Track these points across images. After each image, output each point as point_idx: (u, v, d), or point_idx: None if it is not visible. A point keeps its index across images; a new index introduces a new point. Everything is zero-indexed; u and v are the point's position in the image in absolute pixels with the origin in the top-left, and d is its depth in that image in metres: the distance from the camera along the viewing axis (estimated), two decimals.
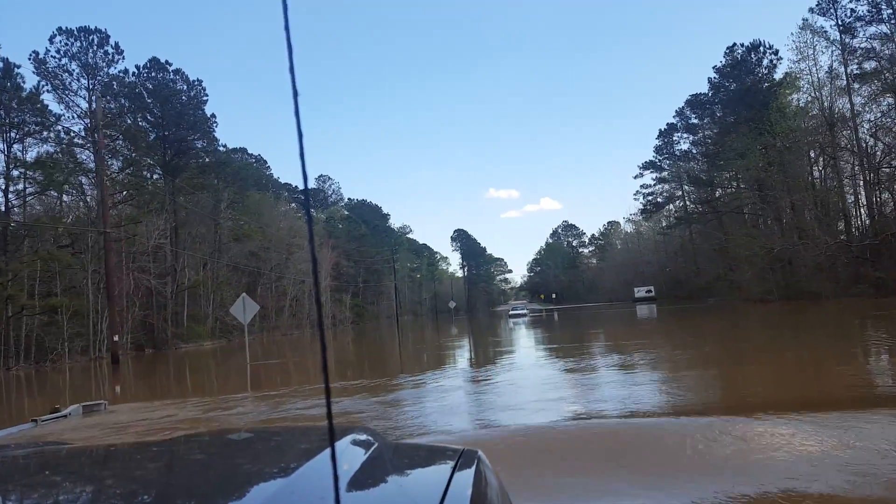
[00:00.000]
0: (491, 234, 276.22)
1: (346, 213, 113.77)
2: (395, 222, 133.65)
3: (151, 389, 17.79)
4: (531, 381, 11.87)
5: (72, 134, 38.97)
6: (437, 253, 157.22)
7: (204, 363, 29.33)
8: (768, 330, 23.51)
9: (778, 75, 49.41)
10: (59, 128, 38.67)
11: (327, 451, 1.10)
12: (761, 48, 48.72)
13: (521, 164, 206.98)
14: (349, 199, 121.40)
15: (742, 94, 50.11)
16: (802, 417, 6.15)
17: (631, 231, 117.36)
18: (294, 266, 64.17)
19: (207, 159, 49.88)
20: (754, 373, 11.78)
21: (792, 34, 54.75)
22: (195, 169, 47.98)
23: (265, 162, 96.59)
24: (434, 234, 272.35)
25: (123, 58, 41.41)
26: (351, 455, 1.16)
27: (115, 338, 28.73)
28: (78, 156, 38.87)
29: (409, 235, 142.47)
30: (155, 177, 48.66)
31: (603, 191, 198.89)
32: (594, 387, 10.92)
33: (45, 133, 37.66)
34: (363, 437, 1.35)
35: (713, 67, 67.16)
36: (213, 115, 48.92)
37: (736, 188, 47.72)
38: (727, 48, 65.26)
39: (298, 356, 28.10)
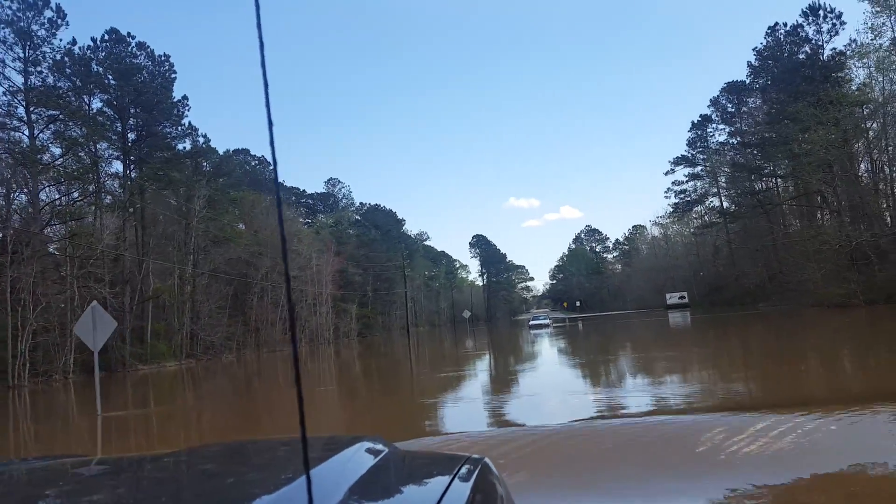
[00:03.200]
0: (512, 243, 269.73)
1: (357, 217, 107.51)
2: (412, 229, 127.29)
3: None
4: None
5: None
6: (456, 261, 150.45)
7: (86, 399, 22.79)
8: None
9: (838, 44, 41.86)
10: None
11: (328, 462, 1.15)
12: (821, 11, 41.31)
13: (542, 173, 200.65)
14: (361, 203, 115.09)
15: (797, 67, 42.58)
16: None
17: (658, 234, 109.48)
18: (290, 274, 57.76)
19: (179, 147, 43.54)
20: None
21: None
22: (162, 160, 41.65)
23: (268, 163, 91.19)
24: (453, 243, 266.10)
25: (67, 24, 35.32)
26: (358, 462, 1.21)
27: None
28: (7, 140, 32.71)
29: (427, 243, 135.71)
30: (117, 169, 42.58)
31: (624, 196, 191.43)
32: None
33: None
34: (374, 445, 1.39)
35: (753, 49, 59.83)
36: (185, 98, 42.60)
37: (793, 172, 39.97)
38: (769, 28, 57.86)
39: (236, 394, 21.50)
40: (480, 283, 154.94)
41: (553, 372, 18.05)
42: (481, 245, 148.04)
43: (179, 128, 42.71)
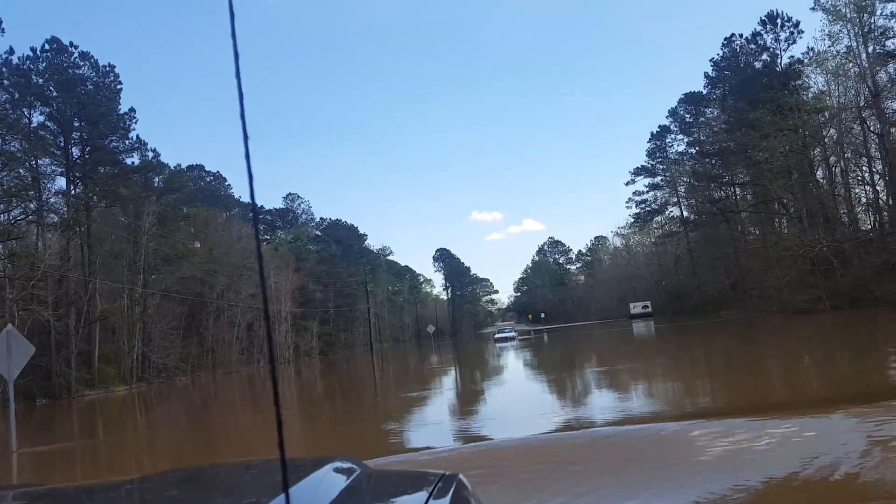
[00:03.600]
0: (476, 257, 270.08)
1: (318, 233, 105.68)
2: (375, 244, 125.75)
3: None
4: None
5: None
6: (420, 275, 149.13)
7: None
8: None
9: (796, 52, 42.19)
10: None
11: (299, 485, 1.12)
12: (778, 20, 41.84)
13: (505, 186, 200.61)
14: (321, 218, 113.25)
15: (755, 75, 42.90)
16: None
17: (620, 245, 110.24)
18: (246, 291, 56.03)
19: (128, 161, 41.71)
20: None
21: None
22: (109, 175, 39.77)
23: (224, 179, 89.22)
24: (417, 257, 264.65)
25: (3, 32, 33.45)
26: (330, 483, 1.17)
27: None
28: None
29: (390, 257, 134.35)
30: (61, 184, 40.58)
31: (587, 208, 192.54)
32: None
33: None
34: (345, 465, 1.34)
35: (710, 60, 60.66)
36: (132, 110, 40.85)
37: (752, 180, 40.03)
38: (725, 39, 58.69)
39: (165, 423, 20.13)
40: (445, 297, 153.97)
41: (518, 388, 17.19)
42: (445, 259, 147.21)
43: (127, 141, 40.98)
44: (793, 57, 41.60)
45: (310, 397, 23.24)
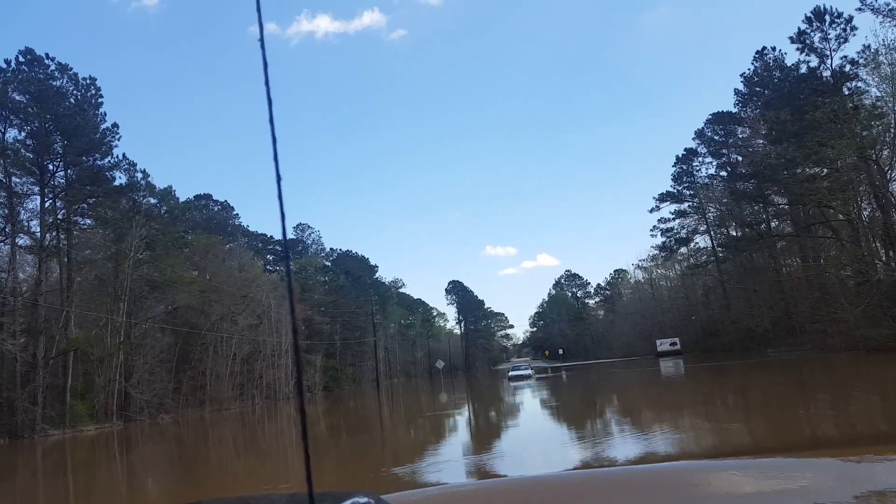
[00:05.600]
0: (490, 292, 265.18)
1: (327, 263, 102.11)
2: (386, 276, 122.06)
3: None
4: None
5: None
6: (433, 308, 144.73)
7: None
8: None
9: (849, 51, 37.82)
10: None
11: None
12: (827, 17, 37.54)
13: (519, 221, 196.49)
14: (331, 249, 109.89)
15: (801, 80, 38.51)
16: None
17: (642, 279, 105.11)
18: (244, 322, 52.03)
19: (117, 180, 38.25)
20: None
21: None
22: (87, 193, 36.26)
23: (232, 209, 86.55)
24: (430, 292, 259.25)
25: None
26: None
27: None
28: None
29: (402, 290, 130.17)
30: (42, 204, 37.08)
31: (603, 243, 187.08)
32: None
33: None
34: (363, 500, 1.35)
35: (741, 76, 56.93)
36: (115, 126, 37.42)
37: (805, 196, 35.04)
38: (756, 52, 55.19)
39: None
40: (458, 332, 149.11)
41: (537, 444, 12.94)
42: (458, 291, 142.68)
43: (109, 159, 37.48)
44: (845, 57, 37.17)
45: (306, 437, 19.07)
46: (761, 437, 10.77)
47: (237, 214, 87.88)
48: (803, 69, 38.85)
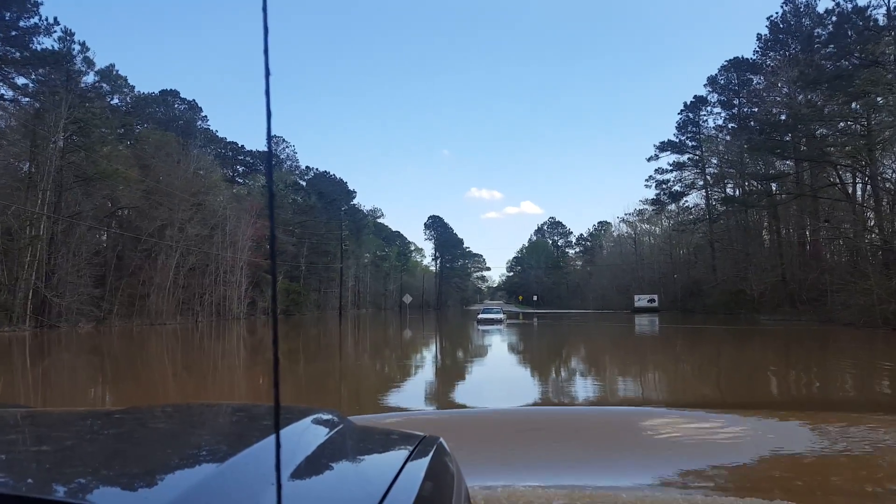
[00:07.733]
0: (470, 233, 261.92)
1: (301, 182, 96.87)
2: (365, 204, 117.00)
3: None
4: None
5: None
6: (411, 243, 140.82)
7: None
8: None
9: None
10: None
11: (283, 430, 1.12)
12: None
13: (506, 166, 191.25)
14: (307, 167, 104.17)
15: (842, 21, 33.63)
16: None
17: (626, 233, 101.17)
18: (192, 231, 47.34)
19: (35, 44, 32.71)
20: None
21: None
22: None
23: (200, 109, 80.00)
24: (409, 226, 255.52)
25: None
26: (310, 435, 1.19)
27: None
28: None
29: (381, 220, 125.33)
30: None
31: (590, 195, 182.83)
32: None
33: None
34: (327, 417, 1.36)
35: (767, 18, 51.55)
36: None
37: (821, 156, 30.71)
38: None
39: None
40: (434, 269, 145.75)
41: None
42: (437, 227, 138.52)
43: (33, 20, 31.88)
44: None
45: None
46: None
47: (206, 116, 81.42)
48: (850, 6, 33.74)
